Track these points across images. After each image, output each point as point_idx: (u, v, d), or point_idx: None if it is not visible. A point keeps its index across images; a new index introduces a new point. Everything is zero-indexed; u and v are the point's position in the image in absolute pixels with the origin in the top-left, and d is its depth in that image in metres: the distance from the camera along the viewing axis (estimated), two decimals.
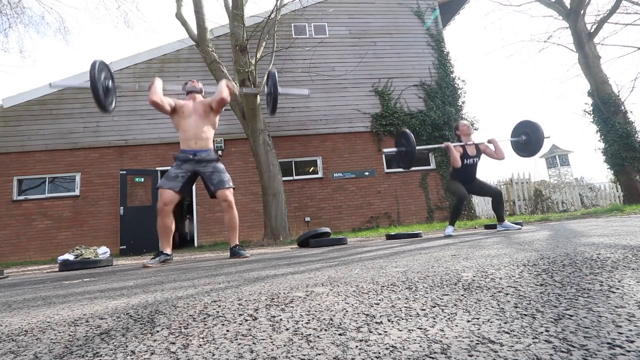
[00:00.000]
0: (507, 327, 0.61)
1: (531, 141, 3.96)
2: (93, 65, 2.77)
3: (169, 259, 3.00)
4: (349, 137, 9.14)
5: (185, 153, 3.05)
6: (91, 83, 2.74)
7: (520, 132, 4.07)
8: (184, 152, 3.05)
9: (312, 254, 2.64)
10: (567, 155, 24.98)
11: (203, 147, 3.07)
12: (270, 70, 3.31)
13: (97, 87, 2.77)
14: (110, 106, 3.04)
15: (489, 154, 3.95)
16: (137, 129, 8.35)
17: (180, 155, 3.06)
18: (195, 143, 3.05)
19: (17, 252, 7.41)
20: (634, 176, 8.12)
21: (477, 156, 3.93)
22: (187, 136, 3.05)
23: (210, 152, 3.12)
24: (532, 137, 3.95)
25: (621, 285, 0.83)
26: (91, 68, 2.77)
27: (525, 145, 4.02)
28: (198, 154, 3.04)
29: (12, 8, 9.50)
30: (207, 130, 3.11)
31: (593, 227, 2.82)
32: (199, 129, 3.06)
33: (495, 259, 1.40)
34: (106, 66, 2.98)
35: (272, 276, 1.44)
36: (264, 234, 6.41)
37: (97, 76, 2.79)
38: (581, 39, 8.82)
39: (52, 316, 0.94)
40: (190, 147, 3.05)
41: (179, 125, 3.09)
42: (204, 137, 3.08)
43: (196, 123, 3.06)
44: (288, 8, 8.52)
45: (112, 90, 3.06)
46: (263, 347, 0.59)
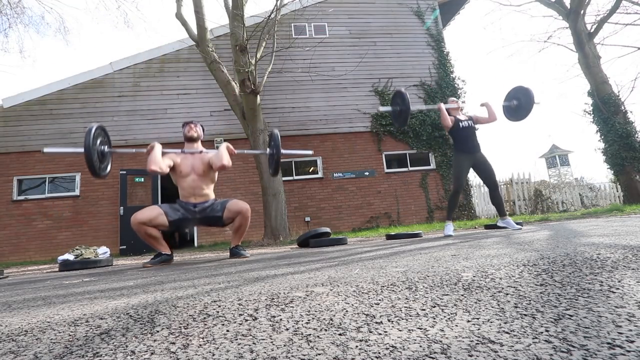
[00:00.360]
0: (507, 327, 0.61)
1: (522, 105, 4.04)
2: (89, 131, 2.67)
3: (170, 259, 3.00)
4: (349, 137, 9.14)
5: (187, 205, 2.99)
6: (85, 150, 2.63)
7: (512, 97, 4.13)
8: (185, 204, 2.99)
9: (312, 254, 2.64)
10: (567, 155, 24.99)
11: (203, 201, 3.02)
12: (273, 132, 3.29)
13: (90, 155, 2.65)
14: (104, 172, 2.92)
15: (480, 120, 4.00)
16: (137, 129, 8.35)
17: (182, 203, 2.99)
18: (195, 199, 3.00)
19: (17, 252, 7.41)
20: (634, 176, 8.11)
21: (470, 120, 3.96)
22: (185, 194, 3.00)
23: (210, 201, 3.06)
24: (522, 102, 4.02)
25: (621, 285, 0.83)
26: (87, 134, 2.66)
27: (516, 109, 4.10)
28: (198, 206, 2.99)
29: (12, 8, 9.50)
30: (206, 187, 3.05)
31: (593, 227, 2.82)
32: (197, 188, 2.99)
33: (495, 259, 1.40)
34: (103, 130, 2.90)
35: (272, 276, 1.44)
36: (264, 234, 6.41)
37: (92, 142, 2.68)
38: (581, 39, 8.82)
39: (52, 316, 0.94)
40: (189, 201, 3.00)
41: (178, 182, 3.04)
42: (203, 193, 3.03)
43: (195, 182, 2.99)
44: (288, 8, 8.52)
45: (108, 155, 2.96)
46: (263, 347, 0.59)
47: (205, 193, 3.04)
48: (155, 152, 2.87)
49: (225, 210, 2.98)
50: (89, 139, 2.65)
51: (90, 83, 8.42)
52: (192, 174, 2.99)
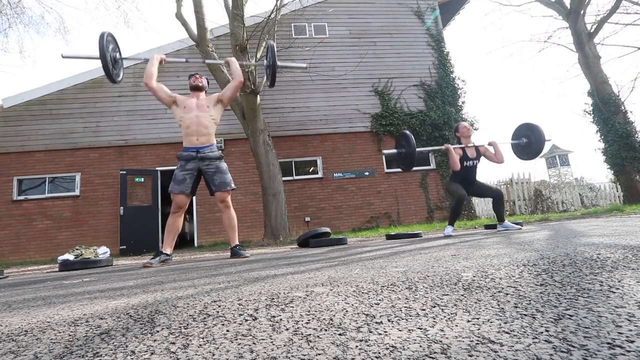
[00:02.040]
0: (507, 327, 0.61)
1: (532, 144, 3.95)
2: (102, 36, 2.86)
3: (169, 259, 3.01)
4: (349, 137, 9.14)
5: (188, 151, 3.05)
6: (100, 53, 2.84)
7: (521, 135, 4.04)
8: (187, 150, 3.06)
9: (312, 254, 2.64)
10: (567, 155, 24.99)
11: (205, 143, 3.07)
12: (269, 43, 3.33)
13: (105, 58, 2.87)
14: (118, 77, 3.14)
15: (488, 157, 3.94)
16: (137, 129, 8.35)
17: (183, 155, 3.07)
18: (197, 139, 3.05)
19: (17, 252, 7.41)
20: (634, 176, 8.11)
21: (476, 158, 3.92)
22: (189, 132, 3.06)
23: (213, 148, 3.13)
24: (532, 140, 3.93)
25: (621, 285, 0.83)
26: (100, 39, 2.86)
27: (526, 148, 4.01)
28: (201, 151, 3.05)
29: (12, 8, 9.50)
30: (210, 126, 3.11)
31: (593, 227, 2.82)
32: (201, 125, 3.06)
33: (495, 259, 1.40)
34: (114, 38, 3.07)
35: (272, 276, 1.44)
36: (264, 234, 6.41)
37: (106, 46, 2.88)
38: (581, 39, 8.82)
39: (52, 316, 0.94)
40: (192, 143, 3.05)
41: (181, 120, 3.09)
42: (205, 132, 3.08)
43: (198, 119, 3.06)
44: (288, 8, 8.52)
45: (120, 62, 3.17)
46: (263, 347, 0.59)
47: (208, 132, 3.10)
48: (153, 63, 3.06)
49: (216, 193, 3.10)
50: (102, 43, 2.85)
51: (90, 83, 8.42)
52: (195, 110, 3.07)
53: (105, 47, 2.88)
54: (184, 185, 3.00)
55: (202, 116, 3.07)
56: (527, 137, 3.98)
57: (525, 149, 4.02)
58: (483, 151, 3.95)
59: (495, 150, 3.90)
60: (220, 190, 3.07)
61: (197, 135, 3.05)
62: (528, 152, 4.02)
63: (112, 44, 3.04)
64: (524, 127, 4.07)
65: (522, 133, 4.05)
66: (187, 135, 3.06)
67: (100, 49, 2.84)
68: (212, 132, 3.14)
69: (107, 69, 2.92)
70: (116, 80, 3.08)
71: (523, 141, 4.01)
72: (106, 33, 2.90)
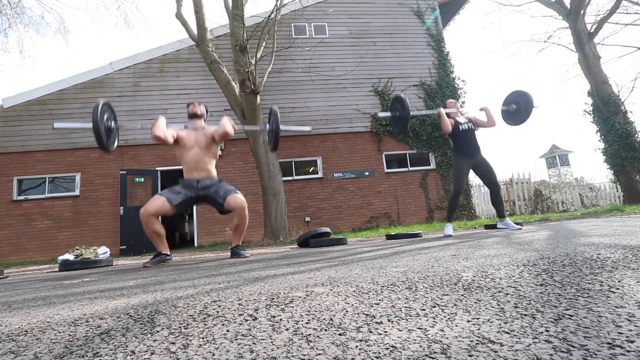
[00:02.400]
0: (507, 327, 0.61)
1: (521, 110, 4.03)
2: (96, 107, 2.79)
3: (169, 259, 3.01)
4: (349, 137, 9.14)
5: (190, 181, 3.05)
6: (93, 125, 2.76)
7: (511, 102, 4.12)
8: (188, 180, 3.06)
9: (312, 254, 2.64)
10: (567, 155, 24.97)
11: (205, 177, 3.08)
12: (272, 108, 3.34)
13: (99, 129, 2.78)
14: (112, 146, 3.06)
15: (480, 124, 3.98)
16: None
17: (184, 181, 3.07)
18: (198, 174, 3.06)
19: (17, 252, 7.41)
20: (634, 176, 8.11)
21: (470, 122, 3.93)
22: (189, 168, 3.06)
23: (213, 179, 3.12)
24: (521, 106, 4.02)
25: (621, 285, 0.83)
26: (94, 109, 2.78)
27: (515, 114, 4.09)
28: (201, 182, 3.05)
29: (12, 8, 9.50)
30: (209, 162, 3.12)
31: (593, 227, 2.82)
32: (200, 162, 3.06)
33: (495, 259, 1.40)
34: (109, 107, 3.01)
35: (272, 276, 1.44)
36: (264, 234, 6.41)
37: (100, 117, 2.79)
38: (581, 39, 8.82)
39: (52, 316, 0.94)
40: (192, 177, 3.06)
41: (181, 156, 3.09)
42: (205, 168, 3.09)
43: (198, 156, 3.05)
44: (288, 8, 8.52)
45: (115, 131, 3.09)
46: (263, 347, 0.59)
47: (207, 168, 3.10)
48: (159, 121, 2.96)
49: (226, 202, 3.03)
50: (96, 114, 2.76)
51: (90, 83, 8.42)
52: (195, 147, 3.06)
53: (100, 117, 2.79)
54: (175, 195, 2.96)
55: (202, 153, 3.07)
56: (517, 103, 4.06)
57: (514, 115, 4.10)
58: (474, 119, 4.00)
59: (487, 114, 3.96)
60: (229, 195, 3.03)
61: (197, 170, 3.06)
62: (516, 118, 4.10)
63: (108, 112, 2.97)
64: (514, 94, 4.14)
65: (512, 100, 4.12)
66: (188, 171, 3.07)
67: (93, 121, 2.75)
68: (212, 167, 3.15)
69: (101, 140, 2.82)
70: (109, 150, 3.01)
71: (512, 107, 4.08)
72: (101, 103, 2.83)
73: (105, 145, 2.89)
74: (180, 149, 3.08)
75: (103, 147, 2.90)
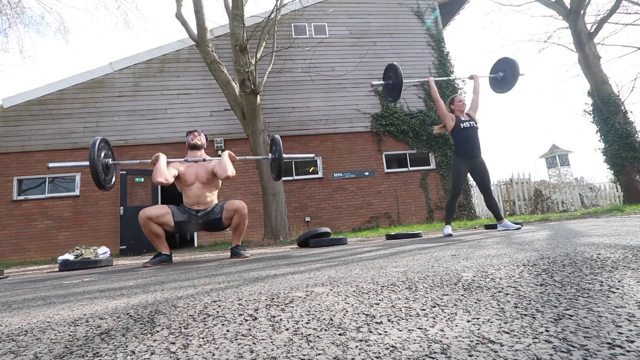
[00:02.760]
0: (507, 327, 0.61)
1: (507, 77, 4.08)
2: (93, 144, 2.71)
3: (169, 259, 3.01)
4: (349, 137, 9.14)
5: (190, 210, 3.04)
6: (90, 163, 2.68)
7: (498, 70, 4.15)
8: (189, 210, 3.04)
9: (312, 254, 2.64)
10: (567, 155, 24.98)
11: (205, 208, 3.07)
12: (275, 137, 3.32)
13: (96, 168, 2.71)
14: (109, 184, 2.99)
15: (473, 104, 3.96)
16: (137, 129, 8.36)
17: (186, 208, 3.04)
18: (199, 206, 3.05)
19: (17, 252, 7.41)
20: (634, 176, 8.11)
21: (472, 119, 3.86)
22: (189, 202, 3.04)
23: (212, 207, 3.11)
24: (508, 74, 4.07)
25: (621, 285, 0.83)
26: (91, 147, 2.70)
27: (502, 81, 4.13)
28: (201, 212, 3.04)
29: (12, 8, 9.50)
30: (210, 194, 3.10)
31: (593, 227, 2.82)
32: (202, 196, 3.04)
33: (495, 259, 1.40)
34: (107, 143, 2.96)
35: (272, 276, 1.44)
36: (264, 234, 6.41)
37: (97, 155, 2.73)
38: (581, 39, 8.82)
39: (52, 316, 0.94)
40: (193, 209, 3.04)
41: (182, 190, 3.08)
42: (207, 201, 3.08)
43: (199, 191, 3.03)
44: (288, 8, 8.52)
45: (112, 167, 3.03)
46: (263, 347, 0.59)
47: (209, 200, 3.08)
48: (160, 163, 2.86)
49: (224, 211, 3.01)
50: (93, 151, 2.68)
51: (90, 83, 8.42)
52: (196, 183, 3.03)
53: (97, 155, 2.72)
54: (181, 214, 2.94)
55: (203, 188, 3.05)
56: (504, 70, 4.11)
57: (501, 82, 4.15)
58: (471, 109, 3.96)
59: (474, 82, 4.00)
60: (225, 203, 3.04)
61: (197, 204, 3.05)
62: (503, 86, 4.14)
63: (105, 149, 2.91)
64: (500, 61, 4.18)
65: (499, 68, 4.16)
66: (189, 204, 3.05)
67: (90, 159, 2.67)
68: (214, 198, 3.14)
69: (98, 178, 2.75)
70: (106, 188, 2.93)
71: (499, 75, 4.13)
72: (98, 140, 2.75)
73: (102, 184, 2.82)
74: (181, 184, 3.06)
75: (100, 186, 2.81)
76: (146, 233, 2.89)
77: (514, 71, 4.02)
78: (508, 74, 4.06)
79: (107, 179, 2.93)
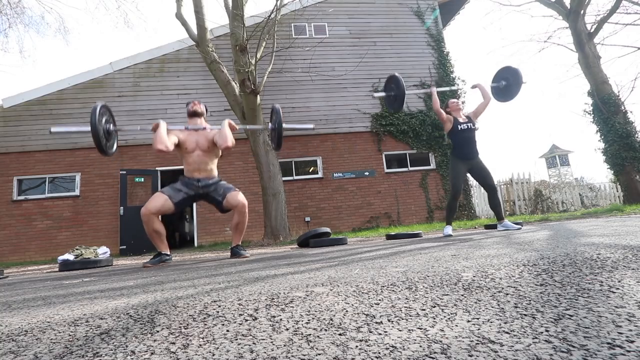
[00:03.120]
0: (507, 327, 0.61)
1: (510, 86, 4.03)
2: (94, 109, 2.73)
3: (169, 259, 3.01)
4: (349, 137, 9.14)
5: (190, 180, 3.05)
6: (91, 128, 2.70)
7: (501, 78, 4.11)
8: (189, 179, 3.06)
9: (312, 254, 2.64)
10: (567, 155, 24.99)
11: (206, 177, 3.08)
12: (275, 106, 3.31)
13: (97, 132, 2.72)
14: (111, 149, 3.02)
15: (479, 109, 3.94)
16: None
17: (185, 179, 3.06)
18: (199, 174, 3.06)
19: (17, 252, 7.41)
20: (634, 176, 8.11)
21: (470, 122, 3.89)
22: (190, 169, 3.06)
23: (214, 178, 3.12)
24: (511, 82, 4.02)
25: (621, 285, 0.83)
26: (92, 112, 2.72)
27: (504, 90, 4.09)
28: (202, 181, 3.05)
29: (12, 8, 9.51)
30: (211, 162, 3.12)
31: (593, 227, 2.82)
32: (202, 163, 3.06)
33: (495, 259, 1.40)
34: (108, 109, 2.97)
35: (272, 276, 1.44)
36: (264, 234, 6.41)
37: (99, 120, 2.75)
38: (581, 39, 8.82)
39: (52, 316, 0.94)
40: (194, 176, 3.06)
41: (183, 157, 3.09)
42: (207, 169, 3.09)
43: (200, 158, 3.05)
44: (288, 8, 8.52)
45: (114, 133, 3.06)
46: (263, 347, 0.59)
47: (209, 168, 3.10)
48: (160, 130, 2.88)
49: (225, 200, 3.03)
50: (94, 117, 2.70)
51: (90, 83, 8.42)
52: (197, 150, 3.05)
53: (98, 120, 2.74)
54: (176, 193, 2.95)
55: (203, 155, 3.07)
56: (506, 79, 4.06)
57: (504, 91, 4.10)
58: (474, 112, 3.95)
59: (481, 91, 3.96)
60: (228, 193, 3.04)
61: (198, 171, 3.06)
62: (506, 95, 4.10)
63: (106, 115, 2.93)
64: (503, 70, 4.14)
65: (501, 76, 4.12)
66: (189, 171, 3.06)
67: (92, 124, 2.69)
68: (214, 167, 3.15)
69: (100, 143, 2.78)
70: (108, 153, 2.96)
71: (502, 84, 4.09)
72: (99, 105, 2.77)
73: (104, 149, 2.85)
74: (182, 152, 3.08)
75: (102, 151, 2.85)
76: (148, 231, 2.89)
77: (517, 80, 3.96)
78: (511, 82, 4.00)
79: (108, 145, 2.96)
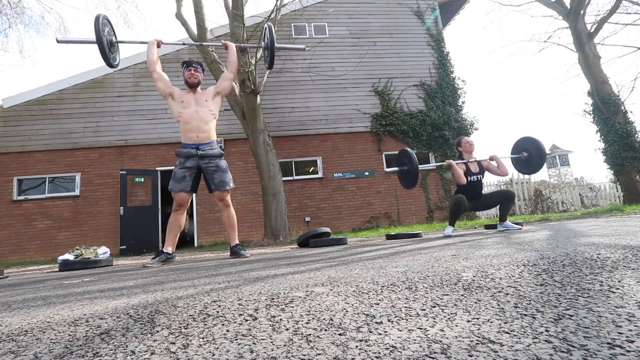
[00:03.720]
0: (507, 327, 0.61)
1: (533, 158, 3.93)
2: (97, 19, 2.79)
3: (171, 258, 2.99)
4: (349, 137, 9.14)
5: (188, 148, 2.98)
6: (96, 37, 2.79)
7: (521, 149, 4.02)
8: (186, 147, 2.99)
9: (312, 254, 2.64)
10: (567, 155, 24.98)
11: (205, 140, 3.01)
12: (267, 25, 3.29)
13: (102, 42, 2.82)
14: (115, 61, 3.10)
15: (492, 170, 3.92)
16: (137, 129, 8.35)
17: (182, 152, 2.99)
18: (197, 136, 2.98)
19: (17, 252, 7.41)
20: (634, 176, 8.11)
21: (480, 173, 3.90)
22: (188, 128, 2.98)
23: (214, 145, 3.06)
24: (533, 154, 3.92)
25: (621, 285, 0.83)
26: (95, 22, 2.78)
27: (527, 162, 3.98)
28: (201, 148, 2.99)
29: (12, 8, 9.50)
30: (209, 121, 3.05)
31: (593, 227, 2.82)
32: (200, 121, 2.99)
33: (495, 259, 1.40)
34: (109, 21, 3.02)
35: (272, 276, 1.43)
36: (264, 234, 6.41)
37: (102, 29, 2.83)
38: (581, 39, 8.82)
39: (52, 316, 0.94)
40: (192, 140, 2.98)
41: (179, 115, 3.01)
42: (206, 128, 3.01)
43: (197, 114, 2.99)
44: (288, 8, 8.52)
45: (116, 45, 3.12)
46: (263, 347, 0.59)
47: (208, 128, 3.04)
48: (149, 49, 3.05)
49: (217, 191, 3.06)
50: (98, 25, 2.78)
51: (90, 83, 8.42)
52: (194, 105, 3.03)
53: (102, 30, 2.81)
54: (184, 183, 2.96)
55: (202, 111, 3.00)
56: (528, 151, 3.96)
57: (526, 163, 4.00)
58: (486, 165, 3.94)
59: (497, 163, 3.89)
60: (219, 190, 3.04)
61: (197, 131, 2.98)
62: (528, 167, 4.00)
63: (108, 26, 2.98)
64: (523, 140, 4.05)
65: (522, 147, 4.03)
66: (187, 132, 2.99)
67: (96, 32, 2.77)
68: (212, 127, 3.08)
69: (105, 52, 2.88)
70: (113, 65, 3.05)
71: (524, 155, 3.98)
72: (101, 15, 2.83)
73: (109, 59, 2.95)
74: (177, 106, 3.03)
75: (107, 61, 2.94)
76: (170, 224, 3.01)
77: (539, 153, 3.87)
78: (533, 154, 3.90)
79: (112, 57, 3.04)
